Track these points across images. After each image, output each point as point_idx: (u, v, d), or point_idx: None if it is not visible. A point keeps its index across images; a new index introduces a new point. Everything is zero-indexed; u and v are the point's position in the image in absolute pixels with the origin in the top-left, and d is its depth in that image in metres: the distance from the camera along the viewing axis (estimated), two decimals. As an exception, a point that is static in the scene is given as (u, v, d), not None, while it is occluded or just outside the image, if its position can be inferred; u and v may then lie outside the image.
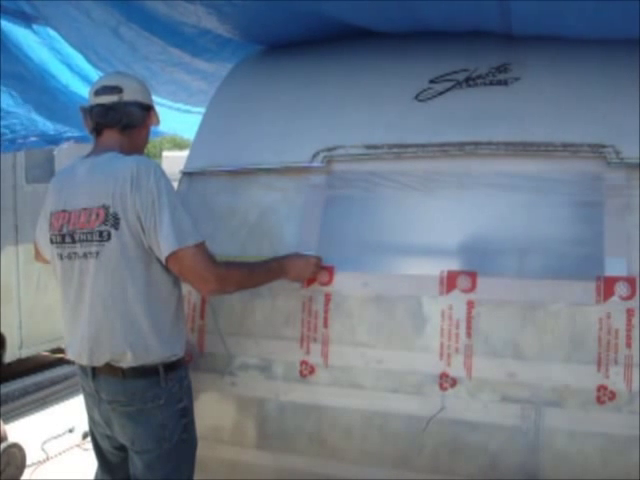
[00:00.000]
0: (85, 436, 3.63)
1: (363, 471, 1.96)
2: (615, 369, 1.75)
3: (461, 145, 2.03)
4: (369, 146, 2.12)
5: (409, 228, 2.08)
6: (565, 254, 1.89)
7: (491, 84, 2.11)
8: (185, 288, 1.96)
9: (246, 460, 2.10)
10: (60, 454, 3.64)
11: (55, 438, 3.78)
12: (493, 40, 2.16)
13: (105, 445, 1.98)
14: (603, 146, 1.91)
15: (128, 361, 1.78)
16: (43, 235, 1.97)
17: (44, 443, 3.69)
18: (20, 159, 4.98)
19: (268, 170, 2.22)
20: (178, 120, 3.96)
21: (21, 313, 5.02)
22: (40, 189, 4.58)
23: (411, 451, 1.90)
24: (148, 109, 1.99)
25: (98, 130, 1.93)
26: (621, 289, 1.78)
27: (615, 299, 1.78)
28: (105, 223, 1.77)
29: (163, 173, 1.80)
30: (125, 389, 1.80)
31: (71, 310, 1.86)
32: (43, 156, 4.96)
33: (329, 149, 2.16)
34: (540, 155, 1.97)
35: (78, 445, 3.72)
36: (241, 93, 2.48)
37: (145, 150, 2.09)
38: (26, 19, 2.95)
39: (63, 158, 4.56)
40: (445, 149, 2.04)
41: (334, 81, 2.33)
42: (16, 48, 3.04)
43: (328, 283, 2.04)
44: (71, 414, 4.02)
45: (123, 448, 1.92)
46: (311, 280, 2.04)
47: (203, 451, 1.95)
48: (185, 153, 3.27)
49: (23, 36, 3.06)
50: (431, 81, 2.16)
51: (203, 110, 2.64)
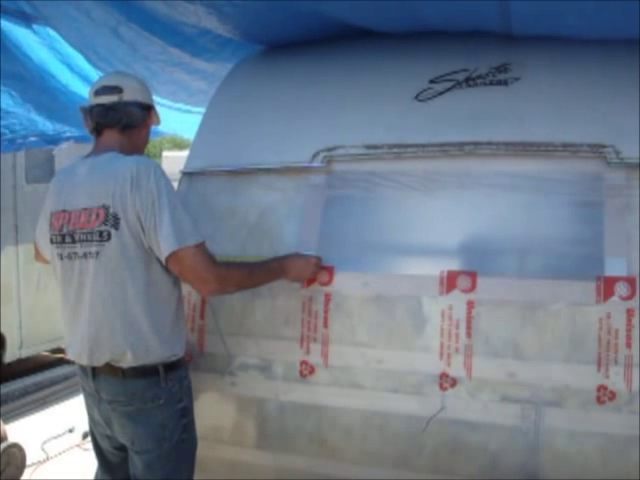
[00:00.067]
0: (85, 436, 3.63)
1: (363, 471, 1.96)
2: (615, 369, 1.75)
3: (461, 145, 2.03)
4: (369, 146, 2.12)
5: (409, 228, 2.09)
6: (565, 254, 1.89)
7: (491, 84, 2.11)
8: (185, 288, 1.95)
9: (246, 460, 2.10)
10: (60, 454, 3.63)
11: (55, 438, 3.78)
12: (493, 40, 2.16)
13: (105, 445, 1.98)
14: (603, 146, 1.91)
15: (128, 361, 1.78)
16: (43, 235, 1.97)
17: (44, 443, 3.68)
18: (20, 159, 4.97)
19: (268, 170, 2.22)
20: (178, 120, 3.96)
21: (21, 313, 5.02)
22: (40, 189, 4.58)
23: (411, 451, 1.90)
24: (148, 109, 1.99)
25: (98, 130, 1.94)
26: (621, 289, 1.78)
27: (615, 299, 1.78)
28: (105, 223, 1.77)
29: (163, 173, 1.80)
30: (125, 389, 1.80)
31: (71, 310, 1.86)
32: (43, 156, 4.96)
33: (329, 149, 2.16)
34: (540, 155, 1.97)
35: (78, 445, 3.72)
36: (241, 93, 2.48)
37: (145, 150, 2.09)
38: (26, 19, 2.95)
39: (63, 158, 4.56)
40: (445, 149, 2.04)
41: (334, 81, 2.33)
42: (16, 48, 3.04)
43: (328, 283, 2.04)
44: (71, 414, 4.02)
45: (123, 448, 1.93)
46: (311, 280, 2.04)
47: (203, 451, 1.95)
48: (185, 153, 3.27)
49: (23, 36, 3.06)
50: (431, 81, 2.16)
51: (203, 110, 2.64)
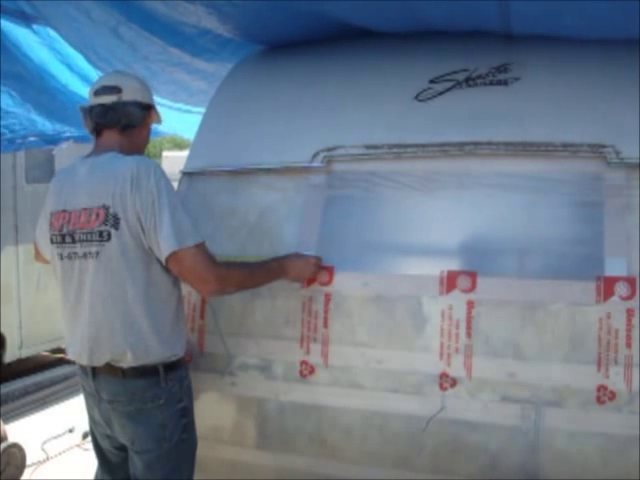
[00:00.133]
0: (85, 436, 3.63)
1: (363, 471, 1.96)
2: (615, 369, 1.75)
3: (461, 145, 2.03)
4: (369, 146, 2.12)
5: (409, 228, 2.09)
6: (565, 254, 1.89)
7: (491, 84, 2.11)
8: (185, 288, 1.95)
9: (246, 460, 2.10)
10: (60, 454, 3.63)
11: (55, 438, 3.78)
12: (493, 40, 2.16)
13: (105, 445, 1.98)
14: (603, 146, 1.91)
15: (128, 361, 1.78)
16: (43, 235, 1.97)
17: (44, 443, 3.68)
18: (20, 159, 4.98)
19: (268, 170, 2.22)
20: (178, 120, 3.96)
21: (21, 313, 5.02)
22: (40, 189, 4.58)
23: (411, 451, 1.90)
24: (148, 108, 1.99)
25: (98, 130, 1.94)
26: (621, 289, 1.78)
27: (615, 299, 1.78)
28: (105, 223, 1.77)
29: (163, 173, 1.80)
30: (125, 389, 1.80)
31: (71, 310, 1.86)
32: (43, 156, 4.96)
33: (329, 149, 2.16)
34: (540, 155, 1.97)
35: (78, 445, 3.72)
36: (241, 93, 2.48)
37: (145, 150, 2.09)
38: (26, 19, 2.95)
39: (63, 158, 4.56)
40: (445, 149, 2.04)
41: (334, 81, 2.33)
42: (16, 48, 3.04)
43: (328, 283, 2.04)
44: (71, 414, 4.02)
45: (123, 448, 1.93)
46: (311, 280, 2.04)
47: (203, 451, 1.95)
48: (185, 153, 3.27)
49: (23, 36, 3.06)
50: (431, 81, 2.16)
51: (203, 110, 2.64)
